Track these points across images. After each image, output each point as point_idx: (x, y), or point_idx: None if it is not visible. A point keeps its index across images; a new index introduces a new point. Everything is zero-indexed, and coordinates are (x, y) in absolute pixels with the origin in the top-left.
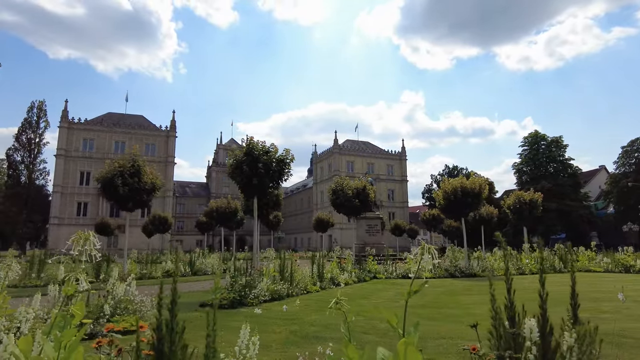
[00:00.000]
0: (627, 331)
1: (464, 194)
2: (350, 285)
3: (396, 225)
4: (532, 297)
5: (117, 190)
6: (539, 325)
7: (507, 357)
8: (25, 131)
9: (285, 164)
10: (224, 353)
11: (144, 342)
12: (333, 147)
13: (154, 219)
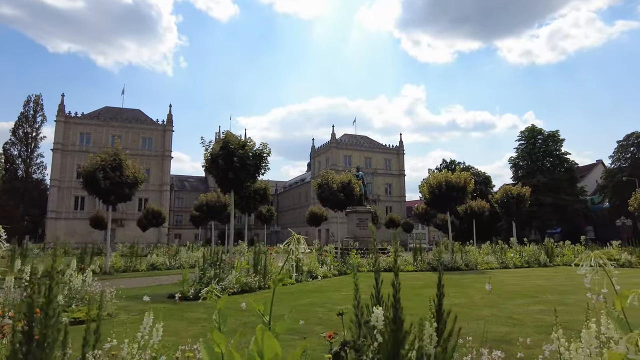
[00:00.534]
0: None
1: (448, 188)
2: (329, 279)
3: (391, 219)
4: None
5: (99, 184)
6: (392, 315)
7: (351, 345)
8: (22, 125)
9: (262, 158)
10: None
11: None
12: (330, 142)
13: (148, 212)
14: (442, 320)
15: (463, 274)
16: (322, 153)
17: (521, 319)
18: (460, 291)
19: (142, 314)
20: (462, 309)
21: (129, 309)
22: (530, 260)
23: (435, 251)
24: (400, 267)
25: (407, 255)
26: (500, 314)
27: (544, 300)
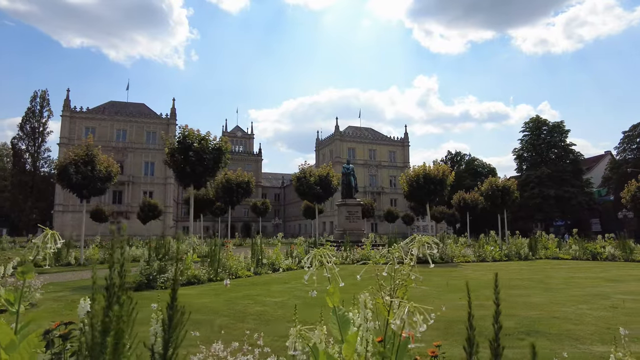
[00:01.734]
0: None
1: (426, 181)
2: (292, 271)
3: (389, 212)
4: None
5: (71, 178)
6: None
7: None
8: (29, 120)
9: (221, 153)
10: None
11: None
12: (334, 134)
13: (144, 205)
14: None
15: (431, 268)
16: (327, 145)
17: None
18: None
19: (69, 303)
20: None
21: (65, 300)
22: (511, 253)
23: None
24: (373, 260)
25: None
26: None
27: (479, 296)
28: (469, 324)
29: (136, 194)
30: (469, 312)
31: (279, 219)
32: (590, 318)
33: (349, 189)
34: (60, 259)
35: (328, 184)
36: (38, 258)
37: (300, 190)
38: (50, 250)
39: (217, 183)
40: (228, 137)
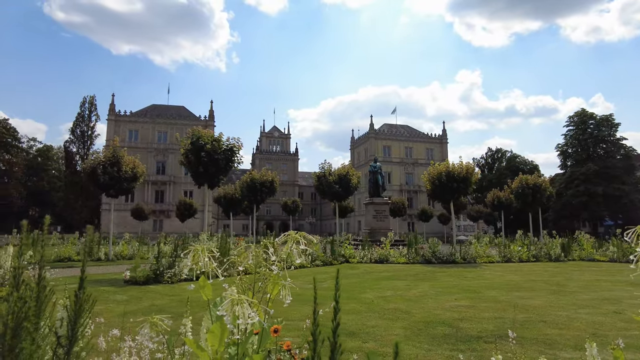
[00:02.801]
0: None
1: (449, 179)
2: (304, 269)
3: (423, 211)
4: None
5: (98, 178)
6: None
7: None
8: (79, 124)
9: (233, 152)
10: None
11: None
12: (369, 132)
13: (181, 204)
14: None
15: (449, 268)
16: (361, 144)
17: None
18: (415, 284)
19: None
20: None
21: (75, 290)
22: (540, 254)
23: (431, 243)
24: (392, 259)
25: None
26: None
27: (479, 297)
28: (313, 319)
29: (177, 193)
30: (314, 308)
31: (313, 218)
32: (580, 323)
33: (376, 187)
34: (92, 255)
35: (347, 182)
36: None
37: (320, 189)
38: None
39: (241, 182)
40: (265, 137)
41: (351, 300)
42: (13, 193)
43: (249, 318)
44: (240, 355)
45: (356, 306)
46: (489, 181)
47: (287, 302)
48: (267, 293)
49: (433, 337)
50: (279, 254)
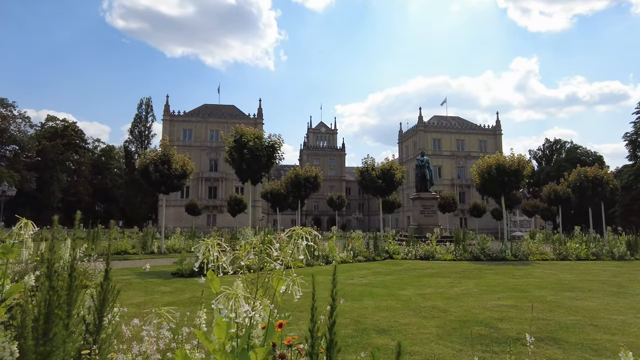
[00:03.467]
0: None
1: (499, 173)
2: (345, 264)
3: (474, 206)
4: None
5: (150, 176)
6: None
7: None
8: (137, 125)
9: (274, 149)
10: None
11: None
12: (418, 125)
13: (231, 200)
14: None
15: (498, 265)
16: (410, 137)
17: (447, 309)
18: (458, 282)
19: (125, 285)
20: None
21: (125, 281)
22: (601, 252)
23: (480, 239)
24: (438, 255)
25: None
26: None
27: (525, 297)
28: (311, 315)
29: (228, 189)
30: (312, 305)
31: (360, 213)
32: (638, 329)
33: (424, 181)
34: (146, 248)
35: (391, 177)
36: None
37: (363, 184)
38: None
39: (286, 178)
40: (312, 133)
41: (388, 297)
42: (81, 190)
43: (245, 312)
44: (240, 348)
45: (392, 303)
46: (547, 174)
47: (297, 297)
48: (275, 288)
49: (467, 337)
50: (285, 250)
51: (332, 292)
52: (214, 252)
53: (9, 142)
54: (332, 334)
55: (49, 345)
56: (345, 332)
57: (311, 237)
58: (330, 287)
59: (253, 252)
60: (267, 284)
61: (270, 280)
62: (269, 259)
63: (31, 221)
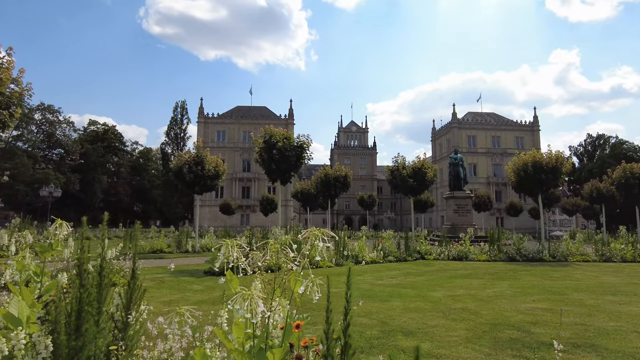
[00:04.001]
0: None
1: (535, 170)
2: (375, 264)
3: (511, 205)
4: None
5: (184, 177)
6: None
7: None
8: (173, 127)
9: (303, 149)
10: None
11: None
12: (451, 122)
13: (263, 200)
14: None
15: (535, 266)
16: (443, 135)
17: (476, 310)
18: (492, 283)
19: (158, 283)
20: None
21: (159, 280)
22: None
23: (515, 239)
24: (471, 256)
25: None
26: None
27: (562, 300)
28: (326, 317)
29: (261, 189)
30: (327, 307)
31: (392, 213)
32: None
33: (458, 180)
34: (181, 247)
35: (423, 176)
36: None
37: (393, 183)
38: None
39: (316, 177)
40: (343, 132)
41: (418, 298)
42: (121, 191)
43: (261, 313)
44: (257, 348)
45: (421, 304)
46: (589, 171)
47: (316, 298)
48: (300, 289)
49: (497, 340)
50: (303, 251)
51: (346, 294)
52: (234, 253)
53: (56, 146)
54: (347, 336)
55: (80, 341)
56: (370, 334)
57: (328, 238)
58: (355, 287)
59: (270, 253)
60: (285, 284)
61: (287, 281)
62: (286, 259)
63: (66, 222)
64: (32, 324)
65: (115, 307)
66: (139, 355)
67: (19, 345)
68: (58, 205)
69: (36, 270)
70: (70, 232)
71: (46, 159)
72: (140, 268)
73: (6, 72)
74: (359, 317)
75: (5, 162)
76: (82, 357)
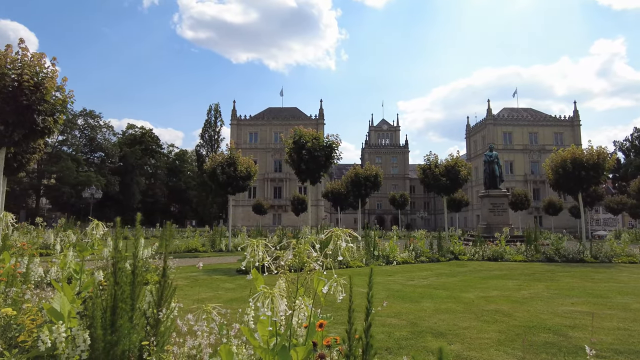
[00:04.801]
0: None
1: (575, 167)
2: (407, 264)
3: (550, 203)
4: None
5: (218, 178)
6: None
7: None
8: (207, 130)
9: (332, 149)
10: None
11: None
12: (486, 118)
13: (294, 200)
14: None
15: (575, 267)
16: (478, 132)
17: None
18: (527, 284)
19: (192, 281)
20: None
21: (193, 278)
22: None
23: (554, 239)
24: (507, 256)
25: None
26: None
27: (604, 303)
28: (348, 317)
29: (292, 189)
30: (349, 306)
31: (425, 212)
32: None
33: (493, 178)
34: (215, 246)
35: (456, 174)
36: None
37: (425, 182)
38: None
39: (346, 177)
40: (374, 131)
41: (449, 299)
42: (158, 192)
43: (283, 311)
44: (279, 346)
45: (453, 305)
46: (636, 167)
47: (340, 298)
48: (323, 288)
49: (531, 344)
50: (325, 250)
51: (367, 295)
52: (259, 252)
53: (97, 149)
54: (368, 336)
55: (115, 335)
56: (400, 334)
57: (351, 238)
58: (385, 288)
59: (292, 252)
60: (308, 284)
61: (310, 280)
62: (308, 259)
63: (102, 222)
64: (72, 318)
65: (147, 304)
66: (170, 350)
67: (60, 338)
68: (99, 206)
69: (76, 268)
70: (107, 231)
71: (88, 162)
72: (174, 267)
73: (51, 81)
74: (389, 317)
75: (52, 166)
76: (117, 351)
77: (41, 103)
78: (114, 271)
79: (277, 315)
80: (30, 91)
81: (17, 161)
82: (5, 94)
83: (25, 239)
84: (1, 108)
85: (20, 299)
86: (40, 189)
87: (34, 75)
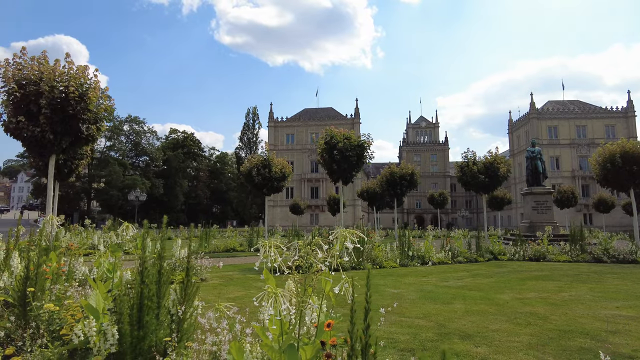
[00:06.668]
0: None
1: (625, 161)
2: (443, 265)
3: (600, 200)
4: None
5: (253, 179)
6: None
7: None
8: (245, 132)
9: (363, 149)
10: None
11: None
12: (529, 112)
13: (330, 200)
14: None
15: (625, 268)
16: (521, 126)
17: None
18: (569, 286)
19: (227, 280)
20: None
21: (228, 277)
22: None
23: (603, 239)
24: (550, 256)
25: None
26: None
27: (636, 305)
28: (350, 317)
29: (328, 189)
30: (352, 307)
31: (466, 211)
32: None
33: (536, 175)
34: (252, 245)
35: (495, 172)
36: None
37: (463, 180)
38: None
39: (381, 176)
40: (412, 128)
41: (482, 300)
42: (200, 194)
43: (285, 310)
44: (286, 344)
45: (485, 307)
46: None
47: (350, 298)
48: (340, 289)
49: (564, 349)
50: (331, 252)
51: (366, 295)
52: (272, 253)
53: (141, 153)
54: (367, 336)
55: (142, 331)
56: (425, 336)
57: (357, 239)
58: (417, 289)
59: (299, 253)
60: (314, 284)
61: (317, 280)
62: (315, 260)
63: (131, 224)
64: (105, 314)
65: (171, 302)
66: (190, 346)
67: (91, 332)
68: (145, 208)
69: (109, 267)
70: (137, 233)
71: (134, 166)
72: (210, 266)
73: (94, 91)
74: (416, 318)
75: (101, 170)
76: (143, 345)
77: (85, 112)
78: (140, 271)
79: (280, 314)
80: (76, 101)
81: (67, 167)
82: (54, 105)
83: (76, 240)
84: (51, 118)
85: (63, 295)
86: (91, 192)
87: (78, 86)
